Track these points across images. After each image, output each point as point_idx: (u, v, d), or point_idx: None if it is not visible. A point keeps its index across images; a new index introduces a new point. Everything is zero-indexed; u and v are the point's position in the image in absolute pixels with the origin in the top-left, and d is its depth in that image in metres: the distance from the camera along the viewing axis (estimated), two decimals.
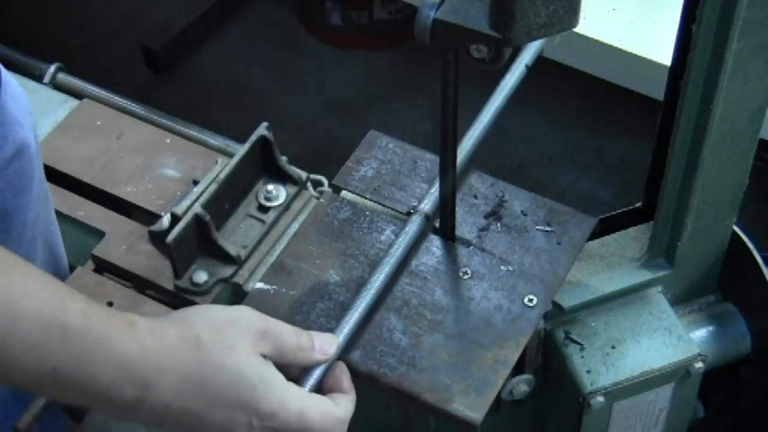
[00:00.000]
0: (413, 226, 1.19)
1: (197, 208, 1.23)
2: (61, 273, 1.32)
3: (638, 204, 1.33)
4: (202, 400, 0.93)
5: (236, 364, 0.94)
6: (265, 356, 0.97)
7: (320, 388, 1.04)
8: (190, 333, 0.94)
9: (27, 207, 1.21)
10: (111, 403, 0.90)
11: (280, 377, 0.97)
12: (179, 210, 1.25)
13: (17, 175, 1.17)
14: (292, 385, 0.98)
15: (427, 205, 1.20)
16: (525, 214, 1.24)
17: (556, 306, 1.24)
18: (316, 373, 1.03)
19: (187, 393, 0.92)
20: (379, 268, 1.15)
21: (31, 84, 1.60)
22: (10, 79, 1.18)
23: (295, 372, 1.02)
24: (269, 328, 0.98)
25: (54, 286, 0.88)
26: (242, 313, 0.99)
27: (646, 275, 1.28)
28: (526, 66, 1.23)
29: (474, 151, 1.23)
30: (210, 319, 0.96)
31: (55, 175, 1.41)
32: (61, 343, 0.85)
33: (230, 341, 0.95)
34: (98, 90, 1.65)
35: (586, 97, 2.52)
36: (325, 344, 1.04)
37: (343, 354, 1.08)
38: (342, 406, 1.01)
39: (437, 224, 1.21)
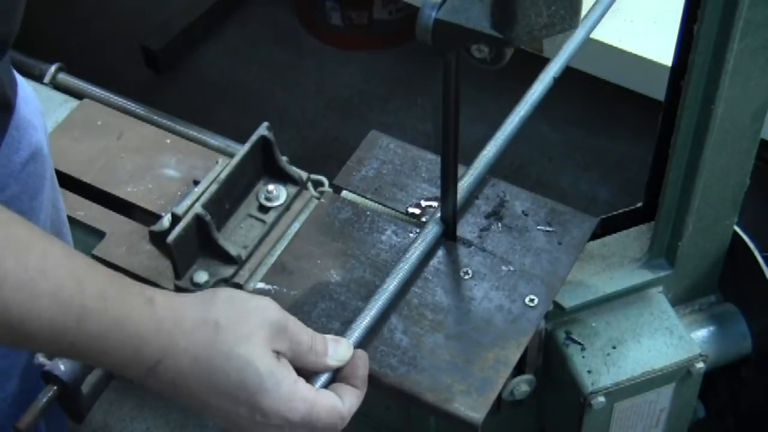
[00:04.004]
0: (430, 232, 1.18)
1: (198, 208, 1.23)
2: None
3: (639, 204, 1.33)
4: (207, 384, 0.93)
5: (248, 355, 0.94)
6: (278, 353, 0.97)
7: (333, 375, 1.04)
8: (210, 315, 0.94)
9: (40, 208, 1.21)
10: (123, 373, 0.93)
11: (290, 375, 0.97)
12: (180, 210, 1.25)
13: (32, 178, 1.18)
14: (301, 383, 0.98)
15: (441, 211, 1.20)
16: (526, 214, 1.24)
17: (557, 306, 1.24)
18: (320, 383, 1.02)
19: (194, 375, 0.93)
20: (393, 273, 1.14)
21: (31, 84, 1.60)
22: (22, 82, 1.18)
23: (307, 372, 1.02)
24: (289, 325, 0.98)
25: (73, 264, 0.89)
26: (265, 304, 0.99)
27: (647, 275, 1.28)
28: (554, 78, 1.22)
29: (496, 159, 1.23)
30: (232, 305, 0.96)
31: (55, 175, 1.41)
32: (77, 323, 0.88)
33: (247, 331, 0.95)
34: (98, 90, 1.65)
35: (587, 97, 2.52)
36: (339, 350, 1.03)
37: None
38: (347, 401, 1.01)
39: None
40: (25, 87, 1.19)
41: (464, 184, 1.21)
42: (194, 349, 0.93)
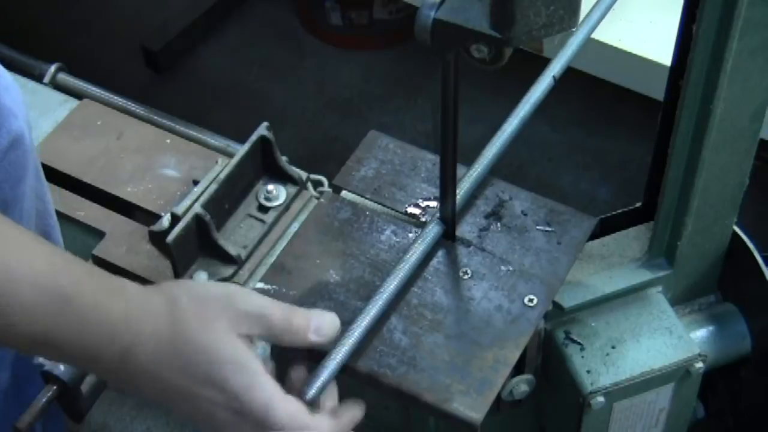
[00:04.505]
0: (430, 233, 1.18)
1: (197, 208, 1.23)
2: None
3: (638, 204, 1.33)
4: (172, 367, 0.94)
5: (209, 341, 0.95)
6: (251, 337, 0.97)
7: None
8: (175, 304, 0.96)
9: (23, 197, 1.21)
10: (97, 365, 0.94)
11: (255, 363, 0.96)
12: (179, 210, 1.25)
13: (14, 166, 1.18)
14: (266, 376, 0.97)
15: (441, 211, 1.20)
16: (525, 214, 1.24)
17: (557, 306, 1.24)
18: (317, 384, 1.02)
19: (161, 358, 0.94)
20: (393, 273, 1.14)
21: (31, 84, 1.60)
22: (2, 70, 1.19)
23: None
24: (255, 308, 0.99)
25: (50, 254, 0.92)
26: (230, 290, 1.00)
27: (646, 275, 1.28)
28: (554, 78, 1.22)
29: (496, 160, 1.23)
30: (196, 293, 0.98)
31: (55, 175, 1.41)
32: (54, 308, 0.89)
33: (209, 317, 0.96)
34: (98, 90, 1.65)
35: (587, 97, 2.52)
36: (323, 325, 1.03)
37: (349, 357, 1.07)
38: (320, 423, 1.00)
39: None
40: (4, 75, 1.19)
41: (464, 185, 1.21)
42: (158, 333, 0.94)
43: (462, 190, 1.20)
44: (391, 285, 1.13)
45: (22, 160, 1.20)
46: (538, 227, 1.23)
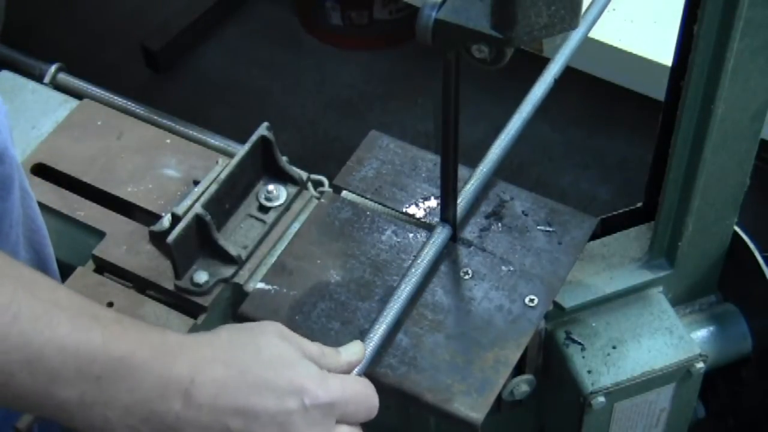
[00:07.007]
0: (439, 236, 1.18)
1: (198, 209, 1.23)
2: (47, 268, 1.31)
3: (639, 204, 1.33)
4: (247, 388, 0.91)
5: (271, 344, 0.94)
6: None
7: None
8: (218, 331, 0.96)
9: (12, 209, 1.21)
10: (158, 411, 0.88)
11: (310, 357, 0.97)
12: (180, 210, 1.25)
13: (2, 179, 1.18)
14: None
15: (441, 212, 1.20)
16: (526, 214, 1.24)
17: (557, 306, 1.24)
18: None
19: (231, 381, 0.90)
20: (406, 278, 1.13)
21: (31, 84, 1.60)
22: None
23: None
24: (291, 333, 0.99)
25: (80, 298, 0.89)
26: (263, 321, 1.01)
27: (647, 275, 1.28)
28: (555, 78, 1.22)
29: (500, 161, 1.23)
30: (231, 326, 0.98)
31: (55, 175, 1.41)
32: (102, 346, 0.86)
33: (259, 330, 0.96)
34: (98, 90, 1.65)
35: (587, 97, 2.51)
36: (351, 349, 1.04)
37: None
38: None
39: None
40: None
41: (470, 188, 1.21)
42: (221, 355, 0.92)
43: (467, 193, 1.20)
44: (405, 290, 1.12)
45: (9, 172, 1.19)
46: (538, 227, 1.23)
